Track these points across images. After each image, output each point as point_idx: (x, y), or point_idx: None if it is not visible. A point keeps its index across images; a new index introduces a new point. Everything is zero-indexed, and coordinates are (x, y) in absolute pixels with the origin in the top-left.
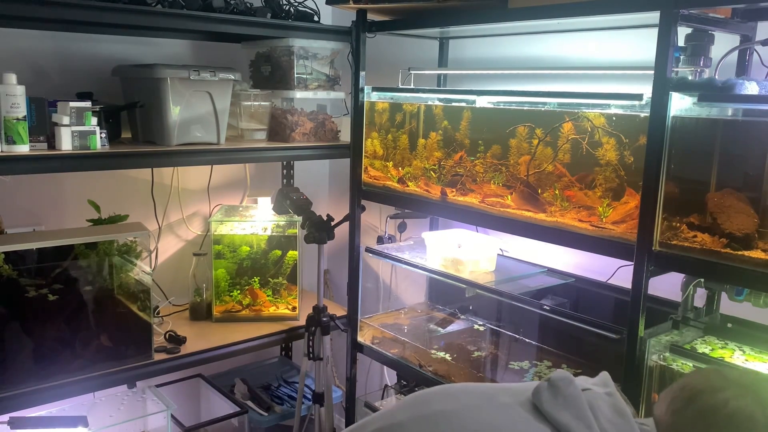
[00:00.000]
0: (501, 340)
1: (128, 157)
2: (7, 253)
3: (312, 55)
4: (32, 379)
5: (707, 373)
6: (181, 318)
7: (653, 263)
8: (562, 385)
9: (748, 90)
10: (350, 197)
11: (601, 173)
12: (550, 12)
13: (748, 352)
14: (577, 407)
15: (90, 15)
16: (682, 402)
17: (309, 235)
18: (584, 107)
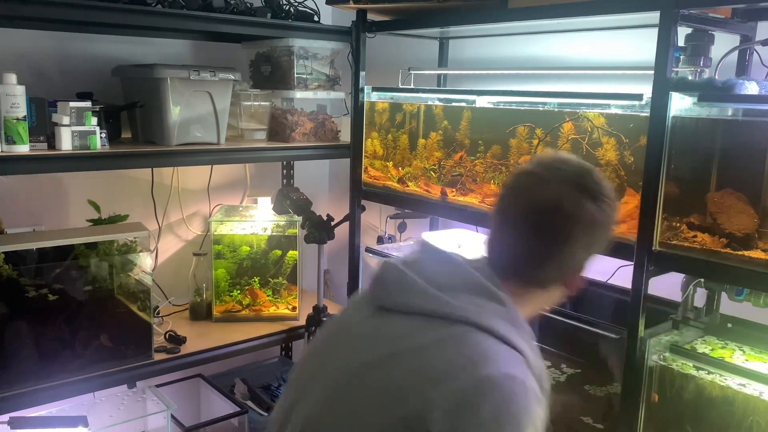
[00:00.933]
0: None
1: (128, 157)
2: (7, 253)
3: (312, 55)
4: (32, 379)
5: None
6: (181, 318)
7: (653, 263)
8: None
9: (748, 90)
10: (350, 197)
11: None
12: (550, 12)
13: (748, 352)
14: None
15: (90, 15)
16: (508, 205)
17: (309, 235)
18: (584, 107)
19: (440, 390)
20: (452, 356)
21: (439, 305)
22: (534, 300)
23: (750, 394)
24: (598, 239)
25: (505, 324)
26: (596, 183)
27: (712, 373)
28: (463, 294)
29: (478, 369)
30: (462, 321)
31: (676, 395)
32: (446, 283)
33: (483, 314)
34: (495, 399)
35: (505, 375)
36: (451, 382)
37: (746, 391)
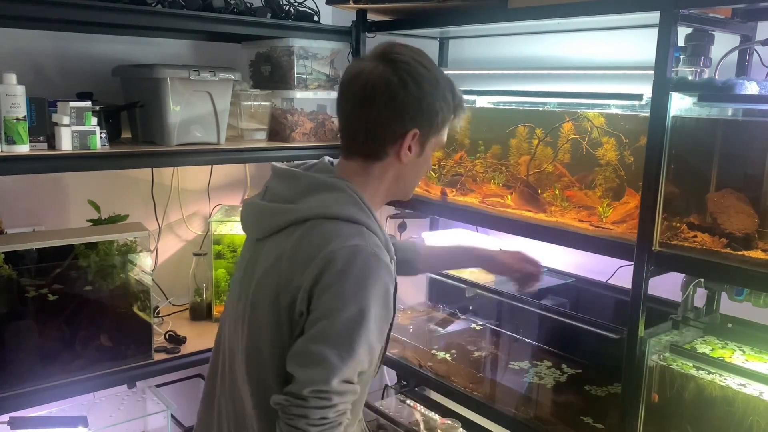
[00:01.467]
0: (501, 340)
1: (128, 157)
2: (7, 253)
3: (312, 55)
4: (32, 379)
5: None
6: (181, 318)
7: (653, 263)
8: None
9: (748, 90)
10: None
11: (601, 173)
12: (550, 12)
13: (748, 352)
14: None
15: (90, 15)
16: (339, 98)
17: None
18: (584, 107)
19: (303, 276)
20: (308, 246)
21: (289, 215)
22: (379, 174)
23: (750, 394)
24: (407, 105)
25: (347, 206)
26: (396, 53)
27: (712, 373)
28: (307, 196)
29: (326, 247)
30: (311, 218)
31: (676, 395)
32: (291, 194)
33: (325, 205)
34: (340, 266)
35: (349, 246)
36: (309, 265)
37: (746, 391)
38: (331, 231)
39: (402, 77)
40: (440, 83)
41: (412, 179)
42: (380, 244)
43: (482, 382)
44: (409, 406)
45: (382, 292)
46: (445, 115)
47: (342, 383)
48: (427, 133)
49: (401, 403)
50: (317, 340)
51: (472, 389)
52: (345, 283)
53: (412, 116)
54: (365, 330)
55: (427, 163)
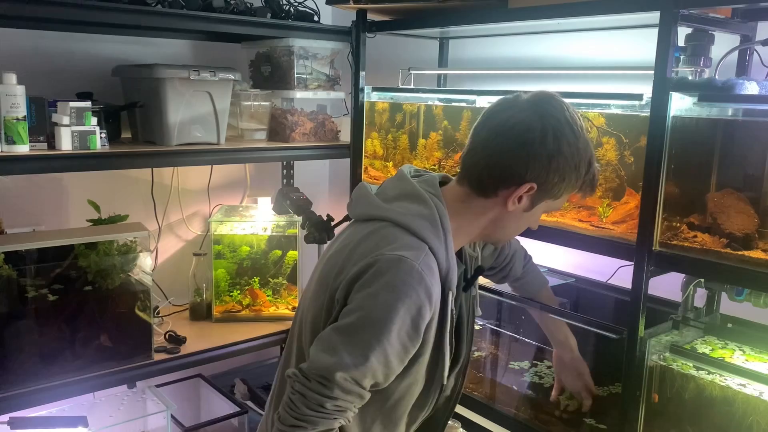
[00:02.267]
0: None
1: (128, 157)
2: (7, 253)
3: (312, 55)
4: (32, 379)
5: (500, 99)
6: (181, 318)
7: (653, 263)
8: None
9: (748, 90)
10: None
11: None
12: (550, 12)
13: (749, 352)
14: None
15: (90, 15)
16: (478, 124)
17: (309, 235)
18: (584, 107)
19: (352, 268)
20: (368, 244)
21: (376, 210)
22: (479, 210)
23: (750, 394)
24: (537, 157)
25: (422, 221)
26: (553, 106)
27: (712, 373)
28: (399, 201)
29: (378, 250)
30: (386, 219)
31: (676, 395)
32: (391, 195)
33: (402, 213)
34: (378, 270)
35: (395, 255)
36: (360, 261)
37: (746, 391)
38: (393, 237)
39: (545, 129)
40: (580, 153)
41: (511, 230)
42: (433, 268)
43: (482, 382)
44: None
45: (413, 310)
46: (570, 185)
47: (347, 380)
48: (544, 193)
49: None
50: (339, 332)
51: (472, 389)
52: (379, 287)
53: (537, 170)
54: (384, 339)
55: (533, 221)
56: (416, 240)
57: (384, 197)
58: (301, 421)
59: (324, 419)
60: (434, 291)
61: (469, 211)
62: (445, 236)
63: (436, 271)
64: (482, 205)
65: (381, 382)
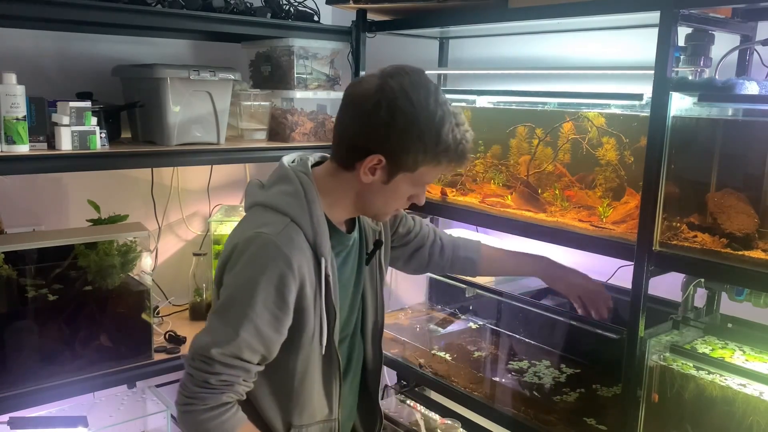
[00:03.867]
0: (501, 340)
1: (128, 157)
2: (7, 253)
3: (312, 55)
4: (32, 379)
5: None
6: (181, 318)
7: (653, 263)
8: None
9: (748, 90)
10: None
11: (601, 173)
12: (550, 12)
13: (749, 352)
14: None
15: (90, 15)
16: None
17: None
18: (584, 107)
19: (223, 253)
20: (238, 228)
21: (252, 198)
22: (346, 185)
23: (750, 394)
24: (374, 127)
25: (284, 197)
26: (394, 76)
27: (712, 373)
28: (274, 185)
29: (241, 233)
30: (257, 204)
31: (676, 395)
32: (270, 181)
33: (270, 195)
34: (240, 250)
35: (255, 232)
36: (228, 245)
37: (746, 391)
38: (257, 218)
39: (380, 101)
40: (420, 124)
41: (376, 204)
42: (295, 238)
43: (482, 382)
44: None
45: (275, 279)
46: (420, 158)
47: (225, 356)
48: (395, 167)
49: (401, 403)
50: (213, 313)
51: (472, 389)
52: (241, 265)
53: (377, 141)
54: (250, 311)
55: (398, 196)
56: (278, 215)
57: (266, 185)
58: (191, 398)
59: (212, 395)
60: (296, 259)
61: (339, 185)
62: (309, 207)
63: (301, 241)
64: (347, 179)
65: (265, 353)
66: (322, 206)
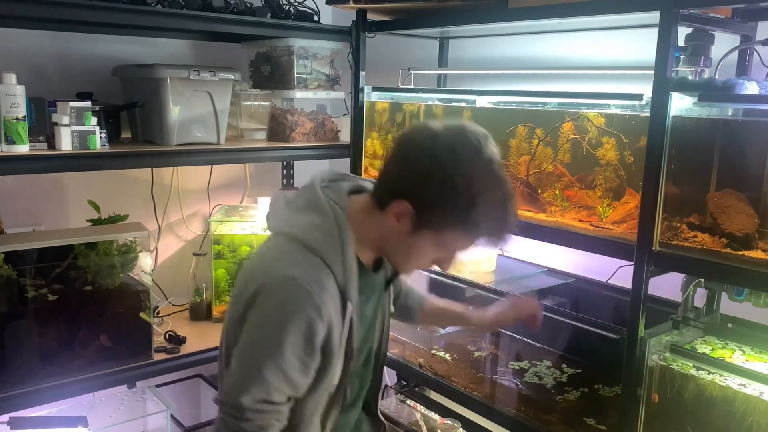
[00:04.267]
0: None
1: (128, 157)
2: (7, 253)
3: (312, 55)
4: (32, 379)
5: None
6: (181, 318)
7: (653, 263)
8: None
9: (748, 90)
10: None
11: (601, 173)
12: (550, 12)
13: (749, 352)
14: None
15: (90, 15)
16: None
17: None
18: (584, 107)
19: (250, 286)
20: (267, 260)
21: (282, 224)
22: (376, 225)
23: (750, 394)
24: (411, 173)
25: (318, 233)
26: (452, 134)
27: (712, 373)
28: (304, 212)
29: (273, 268)
30: (287, 234)
31: (676, 395)
32: (300, 205)
33: (301, 227)
34: (269, 291)
35: (283, 275)
36: (257, 280)
37: (746, 391)
38: (288, 254)
39: (424, 147)
40: (455, 183)
41: (398, 254)
42: (326, 284)
43: (482, 382)
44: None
45: (304, 327)
46: (449, 219)
47: (255, 401)
48: (421, 220)
49: (401, 403)
50: (238, 354)
51: (472, 389)
52: (269, 308)
53: (410, 187)
54: (278, 359)
55: (421, 253)
56: (309, 255)
57: (295, 207)
58: None
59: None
60: (326, 306)
61: (371, 225)
62: (342, 248)
63: (331, 286)
64: (379, 220)
65: (295, 394)
66: (353, 245)
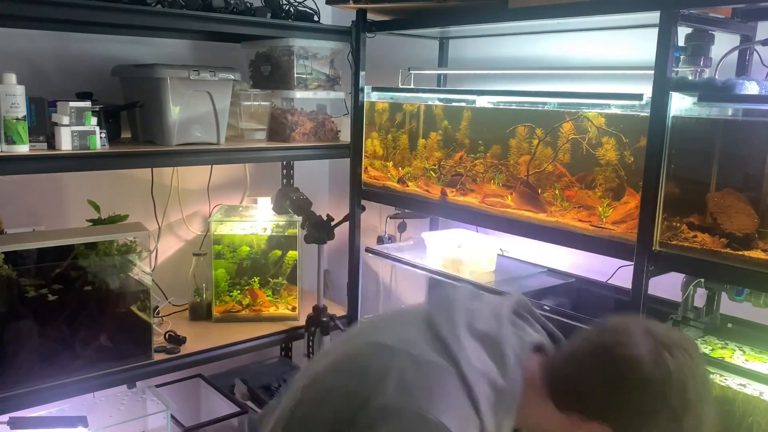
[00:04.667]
0: None
1: (128, 157)
2: (7, 253)
3: (312, 55)
4: (32, 379)
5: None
6: (181, 318)
7: (653, 263)
8: (449, 288)
9: (748, 90)
10: (350, 197)
11: (601, 173)
12: (550, 12)
13: (748, 352)
14: (450, 308)
15: (90, 15)
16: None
17: (309, 235)
18: (584, 107)
19: (377, 397)
20: (414, 381)
21: (451, 341)
22: (546, 412)
23: (750, 394)
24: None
25: (490, 390)
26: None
27: (712, 373)
28: (481, 342)
29: (421, 399)
30: (455, 361)
31: None
32: (479, 328)
33: (475, 368)
34: (404, 425)
35: (432, 419)
36: (391, 397)
37: (746, 391)
38: (446, 392)
39: (650, 377)
40: (683, 423)
41: None
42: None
43: None
44: None
45: None
46: None
47: None
48: None
49: None
50: None
51: None
52: None
53: (616, 412)
54: None
55: None
56: (471, 410)
57: (469, 321)
58: None
59: None
60: None
61: (536, 406)
62: (501, 420)
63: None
64: (548, 413)
65: None
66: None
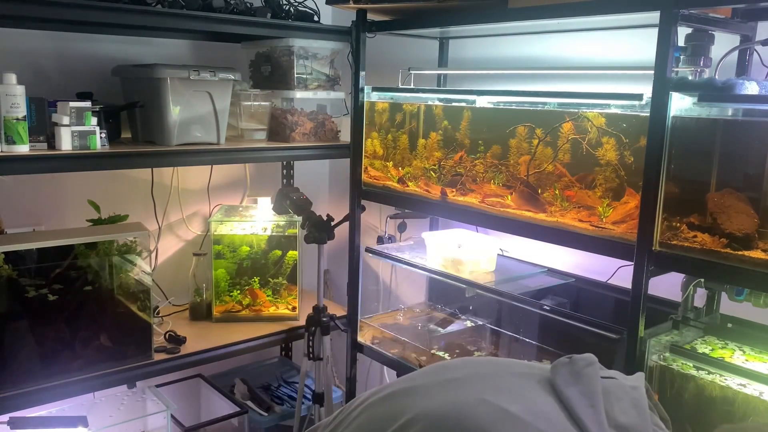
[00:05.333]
0: (501, 340)
1: (128, 157)
2: (7, 253)
3: (312, 55)
4: (32, 379)
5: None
6: (181, 318)
7: (653, 263)
8: (581, 363)
9: (748, 90)
10: (350, 197)
11: (601, 173)
12: (550, 12)
13: (748, 352)
14: (587, 385)
15: (90, 15)
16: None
17: (309, 235)
18: (584, 107)
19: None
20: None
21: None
22: None
23: (750, 394)
24: None
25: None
26: None
27: (712, 373)
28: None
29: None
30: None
31: (676, 395)
32: (621, 421)
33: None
34: None
35: None
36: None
37: (746, 391)
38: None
39: None
40: None
41: None
42: None
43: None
44: None
45: None
46: None
47: None
48: None
49: None
50: None
51: None
52: None
53: None
54: None
55: None
56: None
57: (607, 408)
58: None
59: None
60: None
61: None
62: None
63: None
64: None
65: None
66: None
